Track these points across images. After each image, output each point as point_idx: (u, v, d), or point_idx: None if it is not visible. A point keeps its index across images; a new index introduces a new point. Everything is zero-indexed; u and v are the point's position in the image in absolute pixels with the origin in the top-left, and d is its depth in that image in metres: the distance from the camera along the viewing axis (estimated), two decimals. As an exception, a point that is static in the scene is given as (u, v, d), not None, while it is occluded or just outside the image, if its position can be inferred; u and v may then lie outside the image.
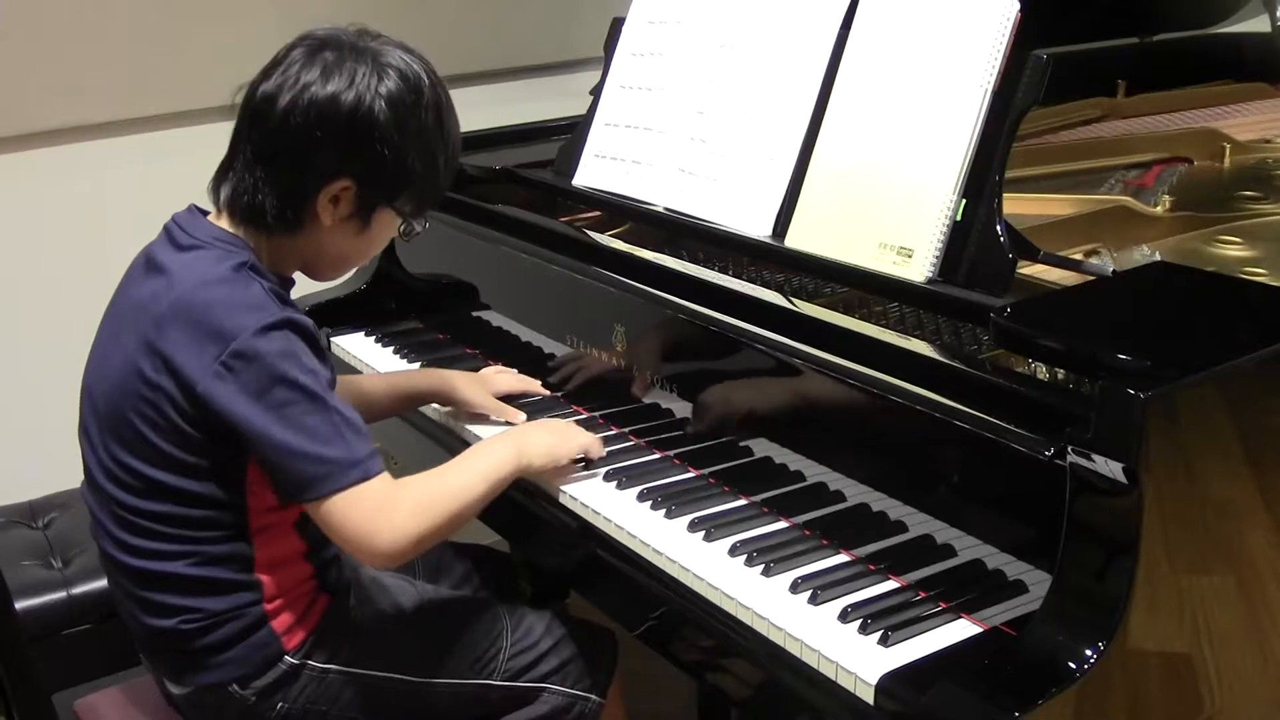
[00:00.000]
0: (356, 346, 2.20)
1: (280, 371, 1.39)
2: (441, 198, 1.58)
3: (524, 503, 1.70)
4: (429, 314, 2.27)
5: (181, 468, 1.44)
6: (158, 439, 1.43)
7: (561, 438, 1.65)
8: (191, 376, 1.40)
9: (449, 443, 1.88)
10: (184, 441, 1.43)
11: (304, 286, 2.27)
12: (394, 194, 1.50)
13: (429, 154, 1.50)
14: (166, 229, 1.52)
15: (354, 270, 1.62)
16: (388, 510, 1.43)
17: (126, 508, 1.48)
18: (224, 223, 1.50)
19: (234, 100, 1.48)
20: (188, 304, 1.42)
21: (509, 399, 1.87)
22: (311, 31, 1.49)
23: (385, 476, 1.44)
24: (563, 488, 1.65)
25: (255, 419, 1.39)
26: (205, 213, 1.52)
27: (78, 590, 2.01)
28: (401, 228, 1.56)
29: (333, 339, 2.23)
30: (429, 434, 1.95)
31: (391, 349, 2.17)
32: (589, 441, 1.67)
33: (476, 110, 2.71)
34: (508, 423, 1.83)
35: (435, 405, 1.91)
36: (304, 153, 1.44)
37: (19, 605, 1.80)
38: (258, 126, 1.46)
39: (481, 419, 1.86)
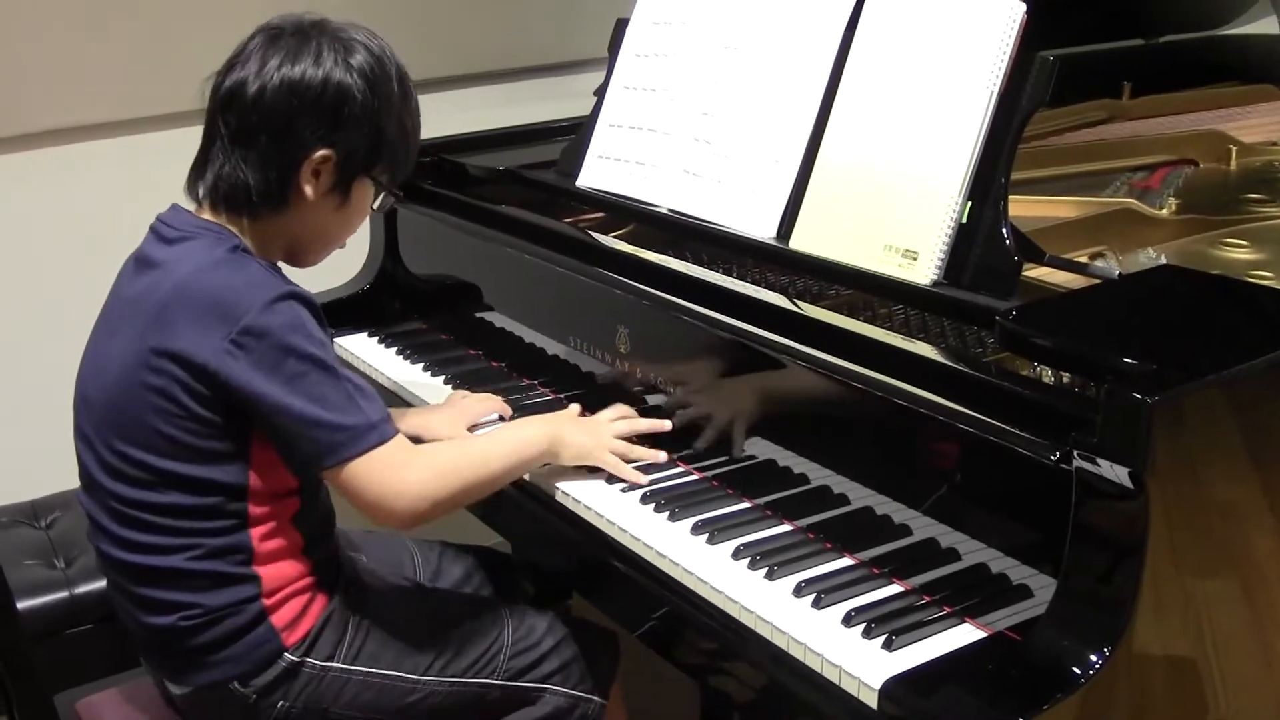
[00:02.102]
0: (360, 347, 2.19)
1: (290, 344, 1.43)
2: (412, 168, 1.62)
3: (526, 504, 1.70)
4: (432, 315, 2.26)
5: (192, 453, 1.46)
6: (170, 428, 1.45)
7: (598, 445, 1.64)
8: (202, 358, 1.42)
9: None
10: (199, 425, 1.45)
11: (304, 286, 2.27)
12: (372, 163, 1.55)
13: (400, 122, 1.55)
14: (153, 228, 1.55)
15: (334, 251, 1.64)
16: (406, 471, 1.48)
17: (128, 502, 1.49)
18: (207, 214, 1.53)
19: (203, 94, 1.52)
20: (188, 289, 1.45)
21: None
22: (268, 22, 1.53)
23: (401, 438, 1.49)
24: (566, 490, 1.64)
25: (271, 393, 1.42)
26: (188, 211, 1.55)
27: (80, 590, 2.00)
28: (375, 203, 1.60)
29: (336, 339, 2.23)
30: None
31: (394, 350, 2.16)
32: (617, 464, 1.64)
33: (480, 111, 2.72)
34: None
35: None
36: (282, 127, 1.48)
37: (21, 605, 1.79)
38: (232, 111, 1.49)
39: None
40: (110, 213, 2.51)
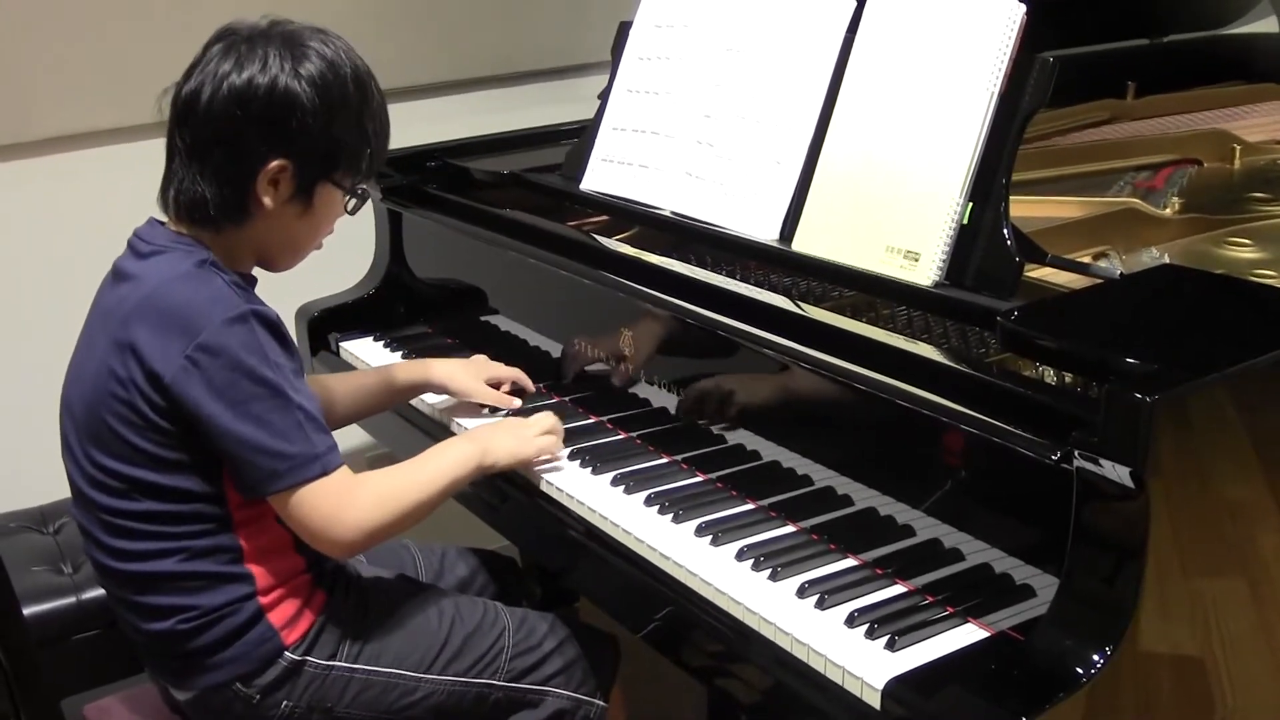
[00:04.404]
0: (365, 351, 2.20)
1: (245, 365, 1.42)
2: (379, 168, 1.60)
3: (532, 508, 1.70)
4: (438, 318, 2.27)
5: (161, 464, 1.47)
6: (135, 437, 1.46)
7: (522, 441, 1.67)
8: (159, 369, 1.43)
9: (438, 435, 1.90)
10: (160, 436, 1.45)
11: (310, 291, 2.28)
12: (330, 168, 1.52)
13: (356, 124, 1.52)
14: (129, 241, 1.55)
15: (308, 254, 1.63)
16: (345, 503, 1.48)
17: (113, 511, 1.50)
18: (175, 227, 1.53)
19: (161, 108, 1.51)
20: (154, 300, 1.46)
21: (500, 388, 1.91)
22: (226, 27, 1.52)
23: (344, 470, 1.49)
24: (570, 492, 1.65)
25: (218, 414, 1.42)
26: (164, 224, 1.55)
27: (87, 596, 2.00)
28: (346, 204, 1.58)
29: (341, 343, 2.24)
30: (419, 425, 1.97)
31: (400, 354, 2.17)
32: (550, 444, 1.69)
33: (484, 115, 2.72)
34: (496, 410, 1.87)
35: (426, 396, 1.94)
36: (232, 138, 1.47)
37: (28, 610, 1.80)
38: (185, 124, 1.48)
39: (474, 411, 1.89)
40: (130, 216, 2.52)
